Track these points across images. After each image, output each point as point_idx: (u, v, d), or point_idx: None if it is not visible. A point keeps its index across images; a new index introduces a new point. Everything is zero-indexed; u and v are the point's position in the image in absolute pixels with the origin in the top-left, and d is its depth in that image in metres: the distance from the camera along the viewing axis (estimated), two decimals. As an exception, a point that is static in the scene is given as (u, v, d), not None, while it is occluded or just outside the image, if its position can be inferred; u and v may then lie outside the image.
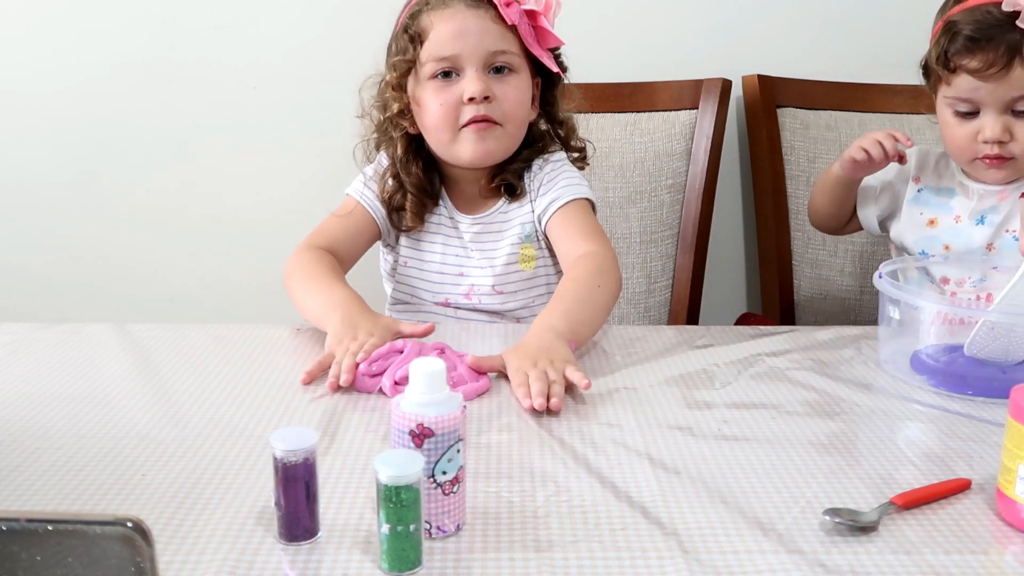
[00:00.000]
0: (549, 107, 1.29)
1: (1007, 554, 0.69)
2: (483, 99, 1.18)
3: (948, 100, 1.22)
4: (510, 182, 1.26)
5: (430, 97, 1.20)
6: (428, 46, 1.19)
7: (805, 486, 0.77)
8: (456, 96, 1.19)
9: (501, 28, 1.20)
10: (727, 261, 1.86)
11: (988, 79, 1.16)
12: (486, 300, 1.27)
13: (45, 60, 1.75)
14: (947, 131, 1.25)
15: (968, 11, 1.18)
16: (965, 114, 1.22)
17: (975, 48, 1.16)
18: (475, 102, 1.18)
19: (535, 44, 1.22)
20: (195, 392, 0.96)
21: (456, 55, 1.19)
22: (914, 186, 1.32)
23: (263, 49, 1.75)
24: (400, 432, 0.69)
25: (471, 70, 1.19)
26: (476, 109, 1.18)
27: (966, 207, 1.28)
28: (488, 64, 1.20)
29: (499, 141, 1.22)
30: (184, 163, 1.80)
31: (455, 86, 1.19)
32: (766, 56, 1.73)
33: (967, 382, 0.99)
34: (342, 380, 0.96)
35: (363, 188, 1.29)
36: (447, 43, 1.19)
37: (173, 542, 0.68)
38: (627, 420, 0.90)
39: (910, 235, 1.31)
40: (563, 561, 0.66)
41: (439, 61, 1.19)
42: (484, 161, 1.23)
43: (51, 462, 0.80)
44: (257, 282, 1.82)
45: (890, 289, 1.03)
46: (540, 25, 1.22)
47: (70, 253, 1.84)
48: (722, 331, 1.18)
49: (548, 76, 1.27)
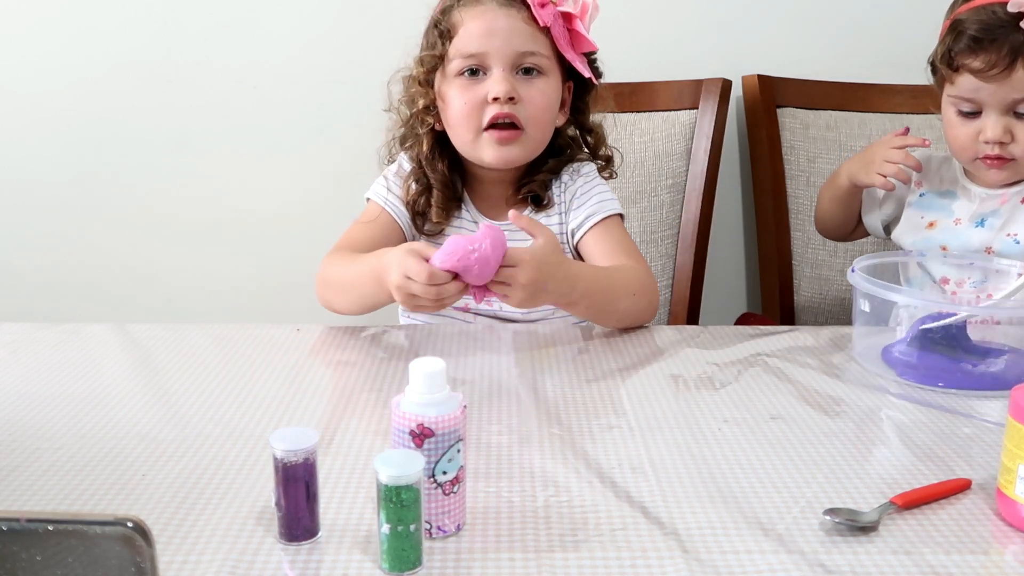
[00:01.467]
0: (579, 113, 1.29)
1: (1007, 554, 0.69)
2: (507, 99, 1.17)
3: (951, 99, 1.22)
4: (536, 193, 1.26)
5: (455, 94, 1.20)
6: (456, 42, 1.19)
7: (805, 486, 0.77)
8: (481, 95, 1.18)
9: (532, 29, 1.19)
10: (727, 261, 1.86)
11: (990, 80, 1.16)
12: (507, 307, 1.26)
13: (45, 60, 1.75)
14: (950, 130, 1.25)
15: (974, 10, 1.17)
16: (968, 114, 1.22)
17: (978, 48, 1.16)
18: (499, 102, 1.17)
19: (568, 48, 1.21)
20: (195, 392, 0.96)
21: (483, 53, 1.18)
22: (916, 190, 1.32)
23: (263, 49, 1.75)
24: (400, 432, 0.69)
25: (497, 69, 1.18)
26: (500, 109, 1.18)
27: (967, 210, 1.28)
28: (516, 64, 1.19)
29: (522, 147, 1.21)
30: (184, 163, 1.80)
31: (480, 84, 1.19)
32: (766, 56, 1.74)
33: (934, 373, 1.00)
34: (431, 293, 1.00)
35: (386, 193, 1.27)
36: (475, 40, 1.18)
37: (173, 542, 0.68)
38: (627, 420, 0.90)
39: (908, 237, 1.31)
40: (563, 561, 0.66)
41: (466, 58, 1.19)
42: (506, 164, 1.22)
43: (51, 462, 0.80)
44: (257, 282, 1.82)
45: (863, 284, 1.03)
46: (575, 28, 1.21)
47: (70, 253, 1.84)
48: (722, 331, 1.18)
49: (581, 80, 1.26)
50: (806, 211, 1.70)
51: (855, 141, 1.69)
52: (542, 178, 1.26)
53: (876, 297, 1.02)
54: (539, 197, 1.26)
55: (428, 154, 1.25)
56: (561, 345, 1.12)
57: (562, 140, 1.28)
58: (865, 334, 1.08)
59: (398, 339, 1.14)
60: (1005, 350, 1.05)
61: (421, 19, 1.26)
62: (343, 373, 1.03)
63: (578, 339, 1.14)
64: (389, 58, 1.27)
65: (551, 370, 1.04)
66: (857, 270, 1.06)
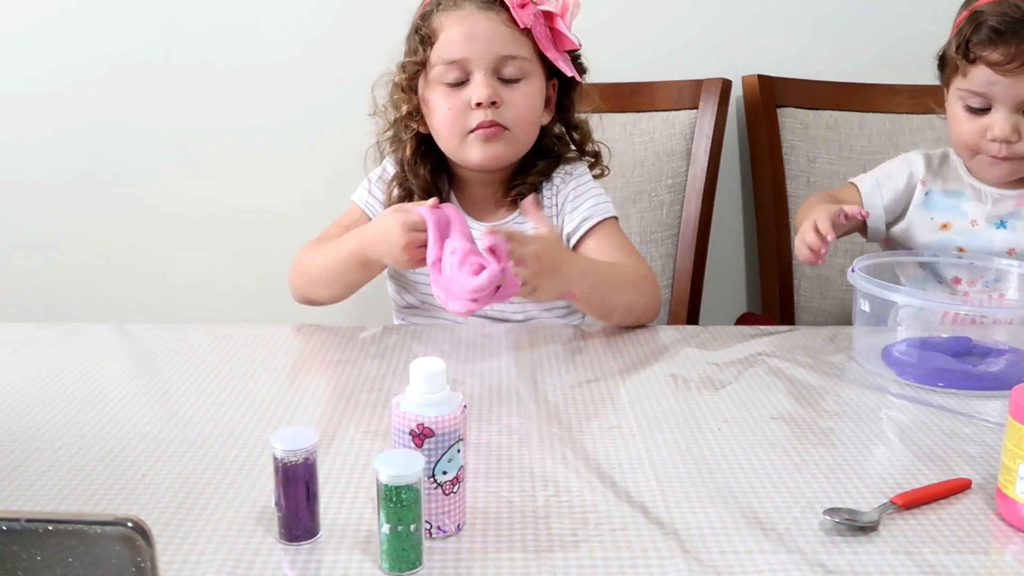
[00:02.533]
0: (565, 111, 1.28)
1: (1007, 554, 0.69)
2: (490, 104, 1.17)
3: (961, 93, 1.21)
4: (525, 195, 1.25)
5: (439, 100, 1.20)
6: (438, 48, 1.19)
7: (805, 486, 0.77)
8: (464, 100, 1.18)
9: (513, 31, 1.18)
10: (727, 261, 1.86)
11: (1007, 74, 1.16)
12: (498, 306, 1.25)
13: (45, 60, 1.75)
14: (956, 125, 1.24)
15: (996, 3, 1.17)
16: (976, 110, 1.21)
17: (998, 40, 1.15)
18: (482, 107, 1.17)
19: (551, 47, 1.21)
20: (195, 392, 0.96)
21: (465, 58, 1.18)
22: (921, 189, 1.31)
23: (263, 49, 1.75)
24: (400, 432, 0.69)
25: (479, 74, 1.18)
26: (484, 114, 1.17)
27: (980, 211, 1.27)
28: (498, 68, 1.19)
29: (507, 145, 1.21)
30: (184, 163, 1.80)
31: (464, 90, 1.19)
32: (766, 56, 1.73)
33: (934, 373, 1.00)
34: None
35: (367, 196, 1.28)
36: (456, 46, 1.18)
37: (173, 542, 0.68)
38: (627, 420, 0.90)
39: (921, 237, 1.29)
40: (563, 561, 0.66)
41: (448, 64, 1.18)
42: (492, 165, 1.22)
43: (51, 462, 0.80)
44: (257, 282, 1.82)
45: (863, 284, 1.03)
46: (556, 27, 1.20)
47: (70, 253, 1.84)
48: (722, 331, 1.18)
49: (565, 78, 1.25)
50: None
51: (855, 141, 1.69)
52: (532, 179, 1.26)
53: (876, 297, 1.02)
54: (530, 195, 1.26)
55: (411, 159, 1.25)
56: (561, 345, 1.12)
57: (548, 139, 1.28)
58: (865, 334, 1.08)
59: (398, 339, 1.14)
60: (1005, 350, 1.05)
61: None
62: (343, 373, 1.03)
63: (578, 339, 1.15)
64: (390, 59, 1.27)
65: (551, 370, 1.04)
66: (857, 270, 1.06)
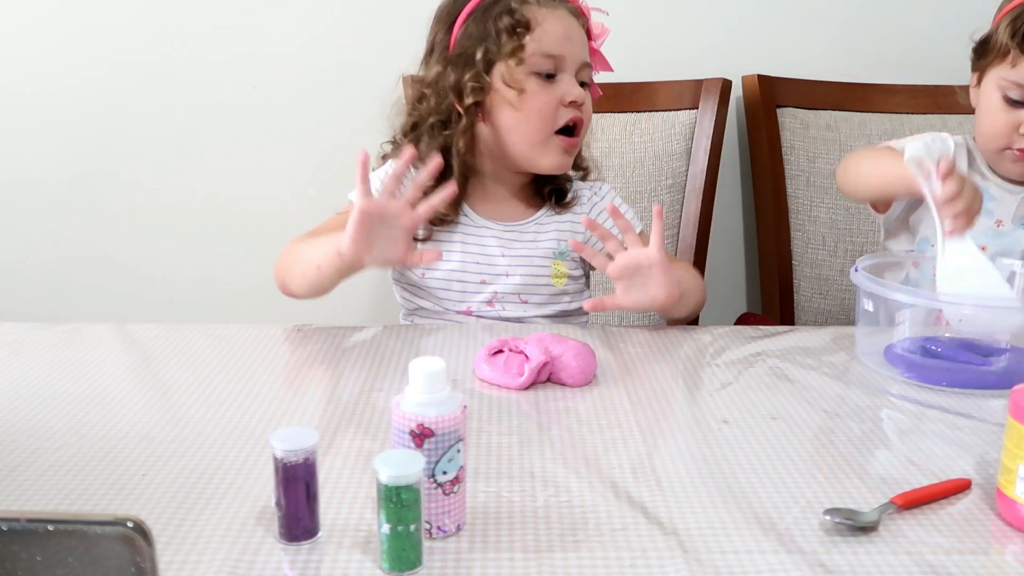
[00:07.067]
0: None
1: (1007, 554, 0.69)
2: (579, 105, 1.20)
3: (1004, 83, 1.18)
4: (560, 187, 1.28)
5: (534, 91, 1.18)
6: (536, 39, 1.17)
7: (805, 486, 0.77)
8: (556, 97, 1.18)
9: (587, 42, 1.22)
10: (727, 261, 1.86)
11: None
12: (510, 308, 1.25)
13: (45, 59, 1.75)
14: (988, 115, 1.21)
15: None
16: (1016, 102, 1.18)
17: None
18: (574, 106, 1.19)
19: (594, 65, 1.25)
20: (195, 392, 0.96)
21: (562, 56, 1.18)
22: None
23: (263, 49, 1.75)
24: (400, 432, 0.69)
25: (569, 75, 1.19)
26: (573, 112, 1.19)
27: (1006, 210, 1.25)
28: (580, 73, 1.21)
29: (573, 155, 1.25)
30: (184, 162, 1.80)
31: (555, 86, 1.19)
32: (766, 56, 1.74)
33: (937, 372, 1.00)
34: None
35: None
36: (556, 42, 1.18)
37: (173, 542, 0.68)
38: (627, 420, 0.90)
39: None
40: (563, 561, 0.66)
41: (546, 58, 1.18)
42: (560, 171, 1.24)
43: (51, 462, 0.80)
44: (257, 282, 1.81)
45: (866, 283, 1.03)
46: (595, 48, 1.24)
47: (70, 253, 1.84)
48: (722, 331, 1.18)
49: None
50: (806, 211, 1.70)
51: (855, 141, 1.69)
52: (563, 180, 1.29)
53: (879, 296, 1.02)
54: (562, 192, 1.28)
55: (463, 148, 1.20)
56: (561, 345, 1.12)
57: None
58: (868, 333, 1.08)
59: (398, 339, 1.14)
60: (1006, 350, 1.05)
61: (422, 19, 1.26)
62: (343, 373, 1.03)
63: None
64: (389, 58, 1.27)
65: (551, 370, 1.04)
66: (860, 269, 1.06)
